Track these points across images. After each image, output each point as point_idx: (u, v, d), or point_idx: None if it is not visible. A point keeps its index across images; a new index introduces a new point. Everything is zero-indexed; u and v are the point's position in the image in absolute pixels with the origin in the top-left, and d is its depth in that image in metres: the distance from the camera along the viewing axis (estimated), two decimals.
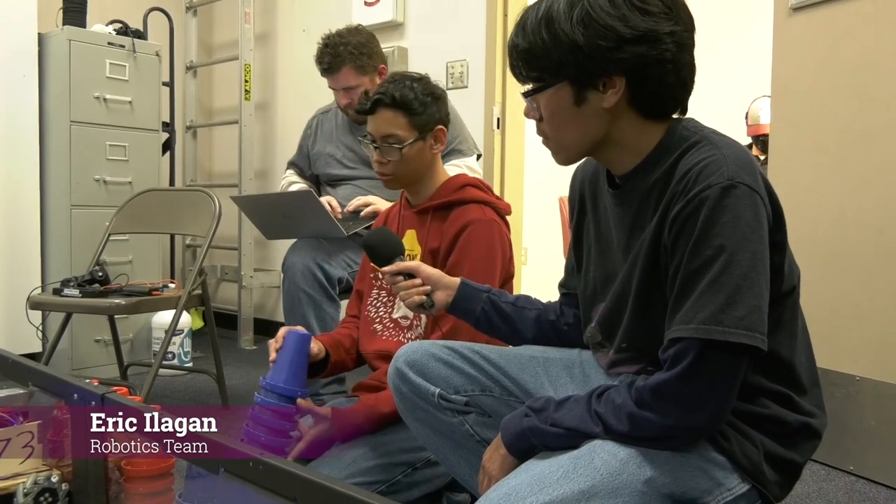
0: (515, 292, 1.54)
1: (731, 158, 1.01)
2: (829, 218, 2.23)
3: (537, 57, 1.07)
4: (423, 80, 1.72)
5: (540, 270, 1.48)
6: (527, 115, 1.15)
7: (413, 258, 1.68)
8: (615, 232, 1.17)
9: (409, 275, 1.39)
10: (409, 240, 1.73)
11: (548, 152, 1.17)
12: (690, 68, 1.07)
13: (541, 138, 1.15)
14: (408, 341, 1.66)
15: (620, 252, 1.15)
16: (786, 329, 1.08)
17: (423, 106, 1.66)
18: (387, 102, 1.64)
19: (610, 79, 1.05)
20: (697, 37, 1.09)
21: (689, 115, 1.13)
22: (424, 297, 1.37)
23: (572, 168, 1.35)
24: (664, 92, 1.07)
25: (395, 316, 1.71)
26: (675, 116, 1.12)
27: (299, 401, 1.51)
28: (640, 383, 1.01)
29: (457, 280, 1.39)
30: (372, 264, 1.55)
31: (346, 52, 2.40)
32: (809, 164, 2.30)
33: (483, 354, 1.30)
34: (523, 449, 1.09)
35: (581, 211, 1.29)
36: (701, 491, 1.02)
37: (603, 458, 1.00)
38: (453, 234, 1.64)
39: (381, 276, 1.75)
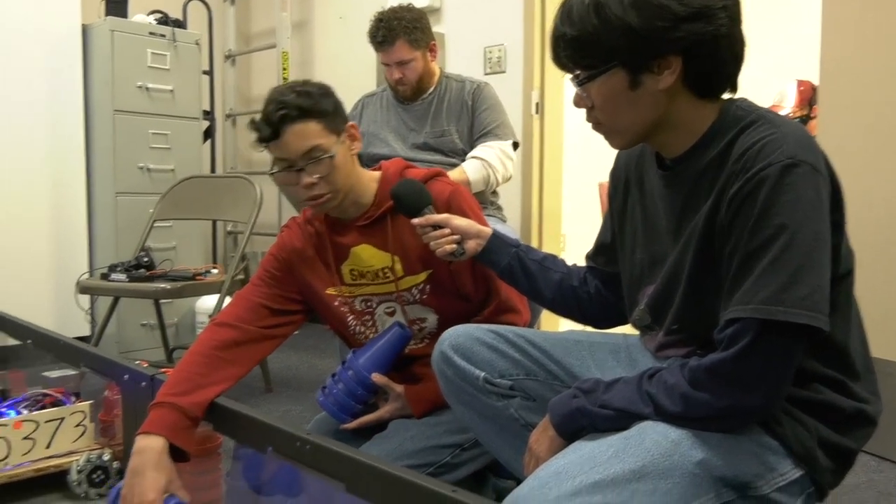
0: None
1: (791, 137, 0.99)
2: (882, 201, 2.18)
3: (588, 44, 1.05)
4: (308, 82, 1.54)
5: (579, 258, 1.46)
6: (577, 104, 1.13)
7: (386, 271, 1.60)
8: (664, 214, 1.16)
9: (438, 226, 1.41)
10: (368, 255, 1.59)
11: (588, 137, 1.16)
12: (742, 43, 1.06)
13: (591, 124, 1.14)
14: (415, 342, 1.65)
15: (669, 235, 1.14)
16: (840, 313, 1.06)
17: (330, 105, 1.50)
18: (294, 116, 1.44)
19: (665, 59, 1.03)
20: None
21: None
22: (455, 245, 1.40)
23: (614, 152, 1.34)
24: (719, 68, 1.05)
25: (381, 329, 1.66)
26: (727, 96, 1.10)
27: (375, 377, 1.56)
28: (693, 363, 1.00)
29: (489, 231, 1.42)
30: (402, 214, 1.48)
31: (399, 27, 2.42)
32: (861, 146, 2.25)
33: (528, 339, 1.30)
34: (571, 430, 1.08)
35: (625, 192, 1.28)
36: (753, 475, 1.01)
37: (654, 438, 0.99)
38: (442, 211, 1.50)
39: (346, 287, 1.63)
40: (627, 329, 1.35)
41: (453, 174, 2.29)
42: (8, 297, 2.81)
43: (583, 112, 1.14)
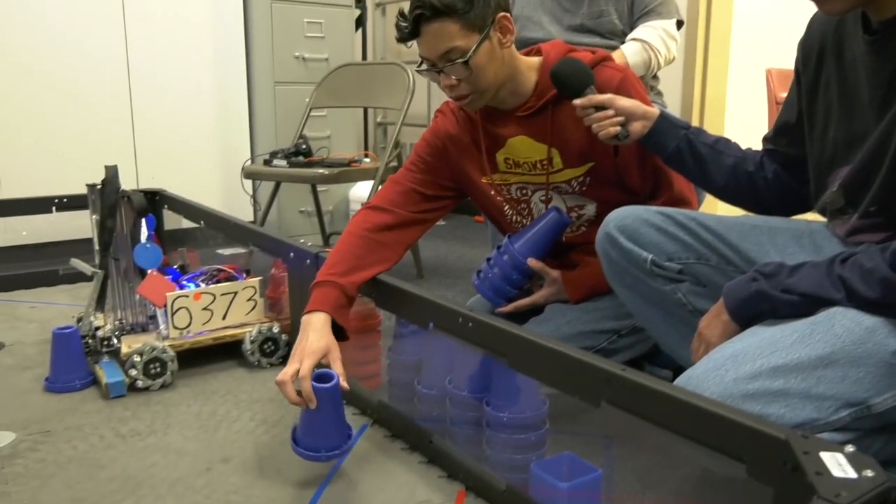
0: None
1: None
2: None
3: None
4: None
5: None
6: None
7: (544, 163, 1.54)
8: (867, 86, 1.03)
9: (601, 107, 1.34)
10: (525, 147, 1.54)
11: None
12: None
13: None
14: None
15: (873, 108, 1.02)
16: None
17: (469, 2, 1.37)
18: (428, 16, 1.37)
19: None
20: None
21: None
22: (619, 127, 1.33)
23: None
24: None
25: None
26: None
27: (530, 261, 1.56)
28: None
29: (655, 111, 1.33)
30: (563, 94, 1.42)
31: None
32: None
33: (700, 221, 1.23)
34: (748, 316, 1.02)
35: (819, 63, 1.15)
36: None
37: (845, 325, 0.92)
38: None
39: (494, 179, 1.60)
40: (808, 217, 1.25)
41: None
42: (180, 182, 2.99)
43: None
